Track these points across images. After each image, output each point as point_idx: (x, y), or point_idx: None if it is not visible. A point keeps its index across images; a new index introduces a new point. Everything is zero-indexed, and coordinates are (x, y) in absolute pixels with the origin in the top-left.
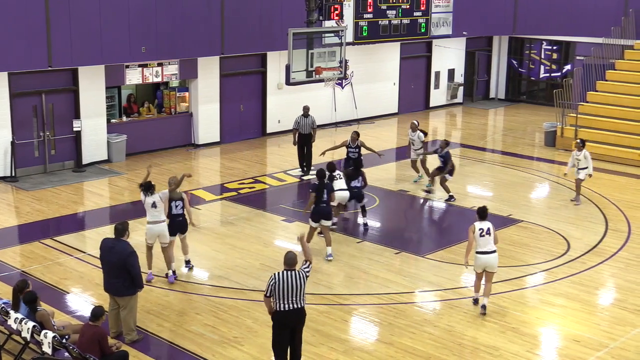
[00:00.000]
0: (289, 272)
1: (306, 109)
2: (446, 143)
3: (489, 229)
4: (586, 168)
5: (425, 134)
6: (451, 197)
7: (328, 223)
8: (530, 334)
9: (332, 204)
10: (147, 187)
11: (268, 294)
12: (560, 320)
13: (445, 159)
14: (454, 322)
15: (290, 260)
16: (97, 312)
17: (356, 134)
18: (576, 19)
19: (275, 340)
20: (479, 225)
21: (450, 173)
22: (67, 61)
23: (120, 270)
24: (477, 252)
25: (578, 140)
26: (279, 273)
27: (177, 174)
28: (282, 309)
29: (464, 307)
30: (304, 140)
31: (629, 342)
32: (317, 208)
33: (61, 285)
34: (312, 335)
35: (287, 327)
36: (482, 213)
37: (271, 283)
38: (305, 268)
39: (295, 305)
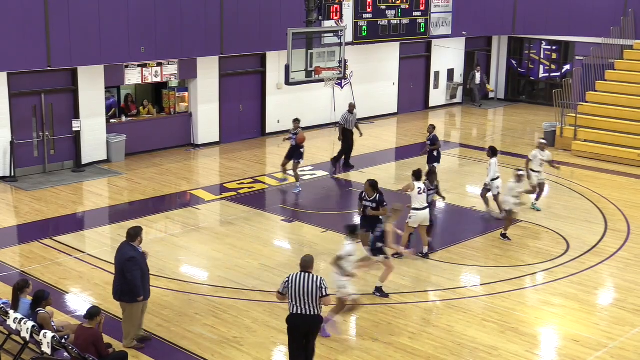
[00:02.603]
0: (303, 275)
1: (352, 106)
2: (433, 127)
3: (424, 188)
4: (496, 179)
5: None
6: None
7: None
8: (529, 334)
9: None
10: None
11: (280, 291)
12: (560, 320)
13: (433, 142)
14: (453, 322)
15: (305, 262)
16: (93, 311)
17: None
18: (575, 19)
19: (288, 345)
20: (417, 184)
21: (438, 160)
22: (66, 61)
23: (119, 274)
24: (416, 209)
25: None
26: (293, 274)
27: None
28: (293, 312)
29: (463, 307)
30: (349, 136)
31: (628, 342)
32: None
33: (60, 285)
34: None
35: (298, 332)
36: (419, 174)
37: (285, 283)
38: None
39: (307, 311)
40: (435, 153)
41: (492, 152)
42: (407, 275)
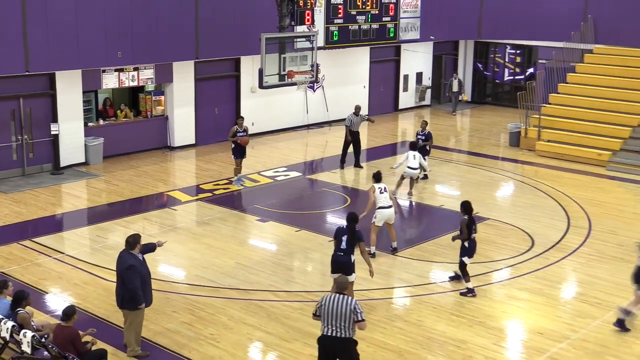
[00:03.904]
0: (337, 297)
1: (357, 108)
2: (426, 123)
3: (385, 187)
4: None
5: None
6: (425, 176)
7: (350, 278)
8: (496, 327)
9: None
10: None
11: (316, 313)
12: (525, 313)
13: (427, 138)
14: (423, 316)
15: (341, 284)
16: (68, 311)
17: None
18: (538, 24)
19: None
20: (377, 185)
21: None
22: (44, 66)
23: (120, 282)
24: (380, 208)
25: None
26: (327, 296)
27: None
28: (324, 333)
29: (433, 302)
30: (354, 137)
31: (589, 333)
32: (334, 256)
33: (40, 286)
34: (287, 332)
35: (328, 354)
36: (378, 176)
37: (318, 306)
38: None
39: (338, 333)
40: (427, 147)
41: (412, 146)
42: (378, 271)
